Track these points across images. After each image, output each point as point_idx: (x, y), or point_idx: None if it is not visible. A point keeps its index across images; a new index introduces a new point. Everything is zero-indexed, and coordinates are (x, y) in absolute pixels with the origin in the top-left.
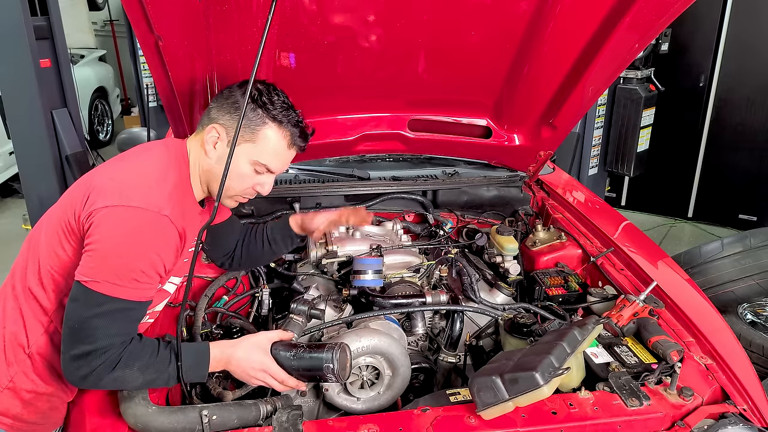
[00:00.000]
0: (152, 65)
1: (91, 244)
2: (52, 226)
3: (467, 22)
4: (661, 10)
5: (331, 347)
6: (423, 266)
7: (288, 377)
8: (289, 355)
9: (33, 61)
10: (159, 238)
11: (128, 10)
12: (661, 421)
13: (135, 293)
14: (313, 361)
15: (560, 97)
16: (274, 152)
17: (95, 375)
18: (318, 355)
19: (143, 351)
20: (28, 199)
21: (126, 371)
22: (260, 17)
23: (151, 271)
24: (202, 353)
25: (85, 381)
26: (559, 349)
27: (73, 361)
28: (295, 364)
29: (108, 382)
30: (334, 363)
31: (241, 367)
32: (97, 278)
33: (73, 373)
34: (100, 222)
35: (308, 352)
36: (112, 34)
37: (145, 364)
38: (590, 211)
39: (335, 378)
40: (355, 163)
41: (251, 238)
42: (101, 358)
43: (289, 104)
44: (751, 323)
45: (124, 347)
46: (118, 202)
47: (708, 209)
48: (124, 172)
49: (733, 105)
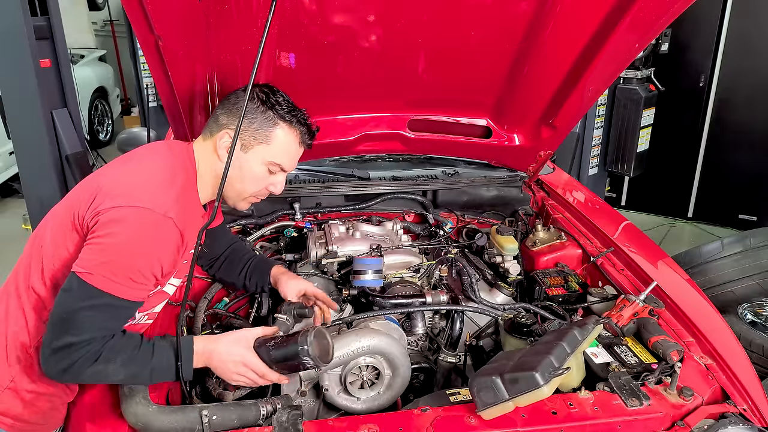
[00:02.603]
0: (152, 65)
1: (94, 239)
2: (57, 224)
3: (467, 22)
4: (661, 10)
5: (305, 333)
6: (423, 266)
7: (268, 370)
8: (268, 345)
9: (33, 61)
10: (162, 240)
11: (128, 10)
12: (661, 421)
13: (129, 292)
14: (289, 349)
15: (560, 97)
16: (287, 151)
17: (76, 368)
18: (293, 343)
19: (125, 345)
20: (28, 199)
21: (108, 365)
22: (260, 17)
23: (148, 272)
24: (186, 347)
25: (65, 374)
26: (559, 349)
27: (54, 354)
28: (274, 354)
29: (89, 376)
30: (310, 347)
31: (223, 361)
32: (93, 271)
33: (53, 367)
34: (106, 221)
35: (284, 342)
36: (112, 34)
37: (128, 359)
38: (590, 211)
39: (314, 363)
40: (355, 163)
41: (235, 257)
42: (82, 350)
43: (293, 104)
44: (751, 323)
45: (105, 341)
46: (125, 203)
47: (708, 209)
48: (131, 174)
49: (733, 105)
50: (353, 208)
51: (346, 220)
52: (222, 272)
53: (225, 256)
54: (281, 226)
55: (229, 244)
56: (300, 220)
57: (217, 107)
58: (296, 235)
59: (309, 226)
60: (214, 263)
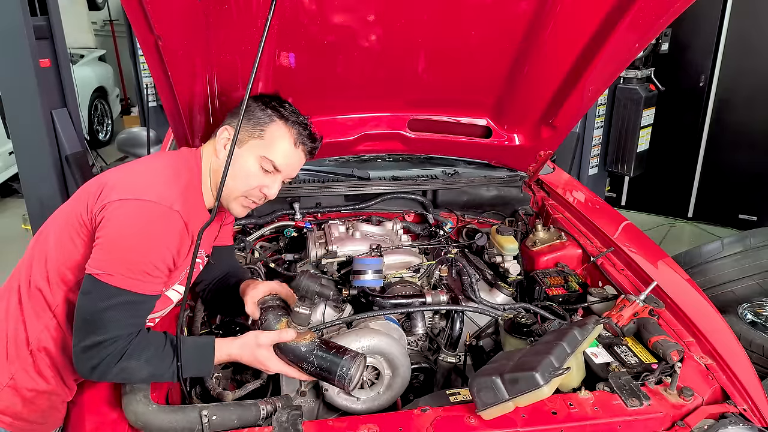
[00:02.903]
0: (152, 65)
1: (103, 236)
2: (63, 222)
3: (467, 22)
4: (661, 10)
5: (353, 355)
6: (423, 266)
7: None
8: (303, 345)
9: (33, 61)
10: (170, 232)
11: (128, 10)
12: (661, 421)
13: (146, 287)
14: (330, 363)
15: (560, 97)
16: (280, 148)
17: (104, 365)
18: (336, 359)
19: (150, 343)
20: (28, 199)
21: (132, 362)
22: (260, 17)
23: (162, 264)
24: (206, 347)
25: (94, 372)
26: (559, 349)
27: (84, 353)
28: (310, 356)
29: (115, 374)
30: (349, 372)
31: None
32: (109, 271)
33: (84, 364)
34: (112, 215)
35: (328, 351)
36: (112, 34)
37: (152, 356)
38: (590, 211)
39: (344, 387)
40: (355, 163)
41: (229, 279)
42: (110, 348)
43: (297, 111)
44: (751, 323)
45: (131, 338)
46: (131, 196)
47: (708, 209)
48: (138, 171)
49: (733, 105)
50: (353, 208)
51: (345, 220)
52: (212, 297)
53: (217, 280)
54: (281, 226)
55: (227, 270)
56: (300, 220)
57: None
58: (296, 235)
59: (309, 226)
60: (207, 287)
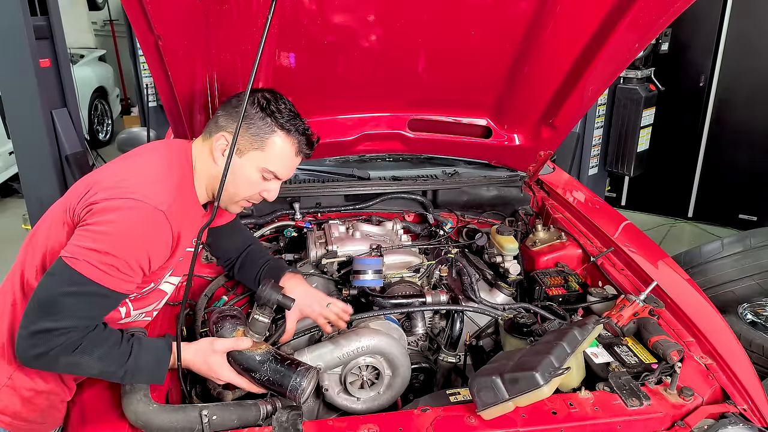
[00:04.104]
0: (152, 65)
1: (84, 227)
2: (53, 221)
3: (467, 22)
4: (661, 10)
5: (307, 368)
6: (423, 266)
7: (240, 378)
8: (257, 354)
9: (33, 61)
10: (152, 232)
11: (128, 10)
12: (661, 421)
13: (113, 281)
14: (282, 375)
15: (560, 97)
16: (282, 160)
17: (51, 356)
18: (288, 371)
19: (105, 340)
20: (28, 199)
21: (84, 357)
22: (260, 17)
23: (135, 264)
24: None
25: (37, 360)
26: (559, 349)
27: (31, 338)
28: (263, 366)
29: (62, 366)
30: (301, 386)
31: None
32: (80, 257)
33: (27, 351)
34: (97, 211)
35: (281, 363)
36: (112, 34)
37: (105, 354)
38: (590, 211)
39: (295, 399)
40: (355, 163)
41: (249, 261)
42: (61, 338)
43: (295, 112)
44: (751, 323)
45: (87, 332)
46: (117, 195)
47: (708, 209)
48: (127, 168)
49: (733, 105)
50: (353, 208)
51: (345, 220)
52: (239, 275)
53: (240, 259)
54: (281, 225)
55: (246, 244)
56: (300, 219)
57: (219, 108)
58: (296, 235)
59: (309, 225)
60: (232, 265)
